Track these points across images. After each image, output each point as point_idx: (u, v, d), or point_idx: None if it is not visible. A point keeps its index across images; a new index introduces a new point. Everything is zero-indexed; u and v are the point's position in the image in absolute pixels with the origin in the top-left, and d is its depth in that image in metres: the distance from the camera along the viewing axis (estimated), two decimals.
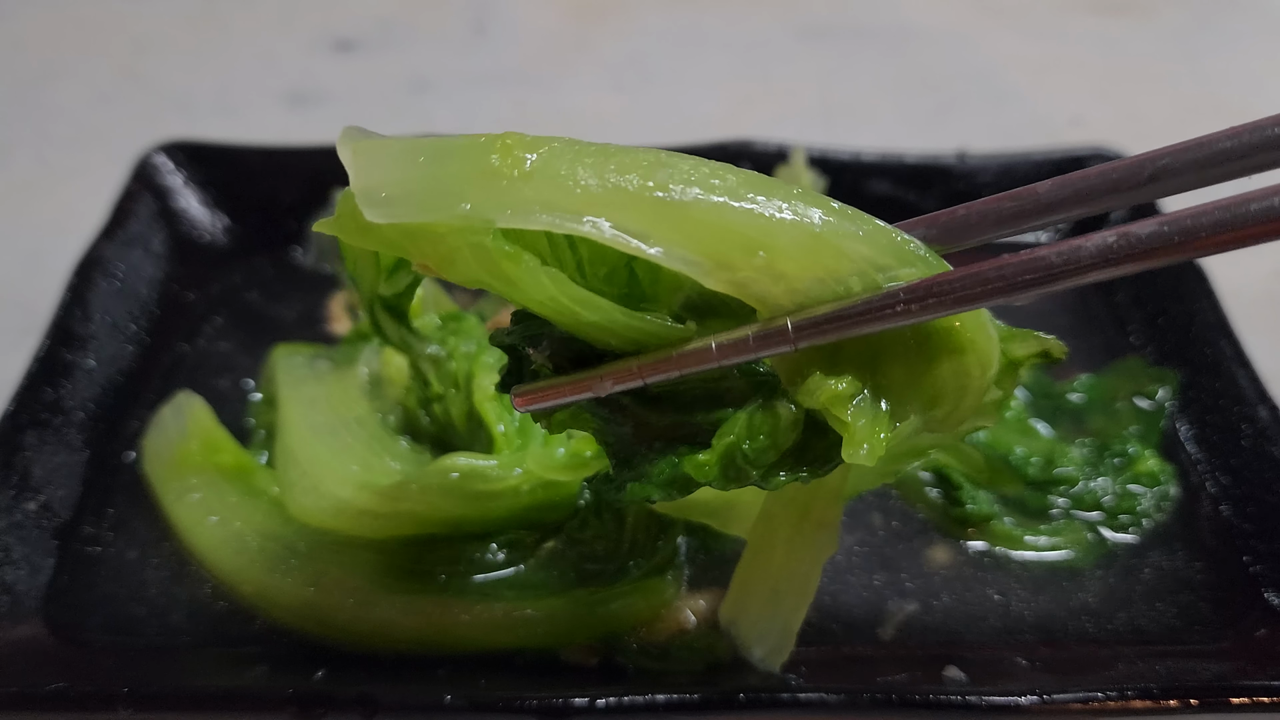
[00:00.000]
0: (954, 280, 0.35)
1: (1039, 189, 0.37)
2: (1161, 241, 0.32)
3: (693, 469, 0.39)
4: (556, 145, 0.36)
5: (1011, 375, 0.43)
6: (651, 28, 1.22)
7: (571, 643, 0.54)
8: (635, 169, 0.36)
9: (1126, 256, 0.33)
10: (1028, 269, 0.34)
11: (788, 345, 0.37)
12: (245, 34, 1.21)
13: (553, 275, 0.37)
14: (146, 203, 0.79)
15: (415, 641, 0.53)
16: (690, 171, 0.36)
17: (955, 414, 0.40)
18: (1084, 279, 0.34)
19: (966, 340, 0.38)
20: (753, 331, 0.37)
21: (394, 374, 0.63)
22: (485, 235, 0.35)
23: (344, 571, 0.55)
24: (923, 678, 0.52)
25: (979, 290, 0.35)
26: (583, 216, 0.35)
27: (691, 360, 0.38)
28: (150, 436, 0.65)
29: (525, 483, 0.55)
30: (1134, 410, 0.69)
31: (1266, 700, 0.48)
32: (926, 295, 0.35)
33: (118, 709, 0.48)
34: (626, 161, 0.36)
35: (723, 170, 0.37)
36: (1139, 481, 0.64)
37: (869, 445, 0.37)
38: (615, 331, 0.38)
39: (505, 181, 0.35)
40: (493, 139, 0.36)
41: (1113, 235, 0.33)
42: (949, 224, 0.39)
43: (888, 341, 0.38)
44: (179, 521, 0.60)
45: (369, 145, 0.36)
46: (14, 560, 0.58)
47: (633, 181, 0.35)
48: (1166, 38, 1.19)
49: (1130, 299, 0.77)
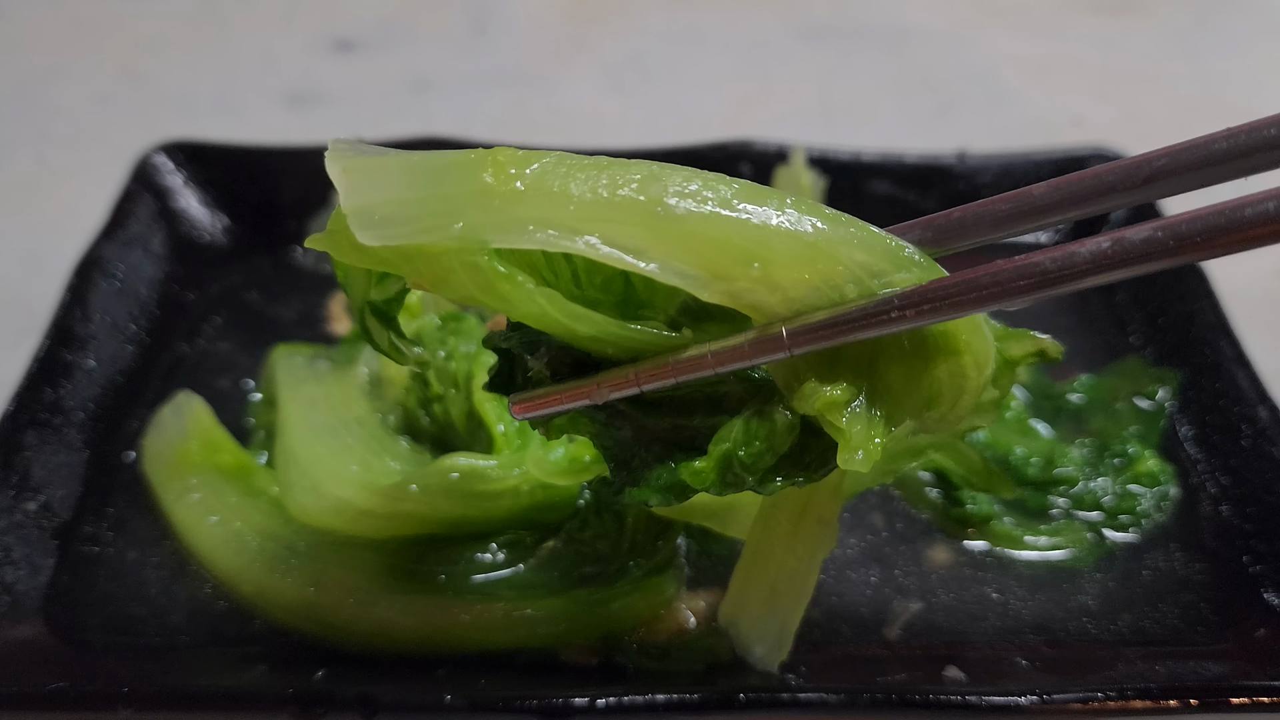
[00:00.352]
0: (948, 286, 0.35)
1: (1035, 191, 0.37)
2: (1156, 247, 0.32)
3: (689, 476, 0.39)
4: (549, 160, 0.36)
5: (1008, 374, 0.43)
6: (651, 28, 1.22)
7: (571, 643, 0.54)
8: (628, 183, 0.36)
9: (1121, 262, 0.33)
10: (1022, 274, 0.34)
11: (783, 352, 0.37)
12: (245, 34, 1.21)
13: (548, 295, 0.37)
14: (146, 203, 0.79)
15: (415, 641, 0.53)
16: (684, 184, 0.36)
17: (952, 414, 0.40)
18: (1079, 285, 0.34)
19: (962, 342, 0.38)
20: (748, 339, 0.37)
21: (394, 374, 0.63)
22: (480, 255, 0.35)
23: (344, 571, 0.55)
24: (923, 678, 0.52)
25: (974, 296, 0.35)
26: (577, 235, 0.35)
27: (687, 367, 0.38)
28: (150, 436, 0.65)
29: (525, 483, 0.55)
30: (1134, 410, 0.69)
31: (1266, 700, 0.49)
32: (921, 301, 0.36)
33: (118, 709, 0.48)
34: (620, 175, 0.36)
35: (716, 181, 0.37)
36: (1139, 482, 0.64)
37: (864, 451, 0.37)
38: (612, 343, 0.39)
39: (499, 200, 0.35)
40: (485, 155, 0.36)
41: (1107, 241, 0.33)
42: (945, 226, 0.39)
43: (884, 345, 0.38)
44: (179, 521, 0.60)
45: (359, 164, 0.36)
46: (14, 560, 0.58)
47: (626, 196, 0.35)
48: (1166, 38, 1.19)
49: (1130, 299, 0.77)
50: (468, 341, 0.62)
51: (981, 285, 0.35)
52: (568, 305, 0.37)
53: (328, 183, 0.95)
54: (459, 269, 0.36)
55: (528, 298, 0.36)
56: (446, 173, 0.35)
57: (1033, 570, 0.60)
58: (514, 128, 1.07)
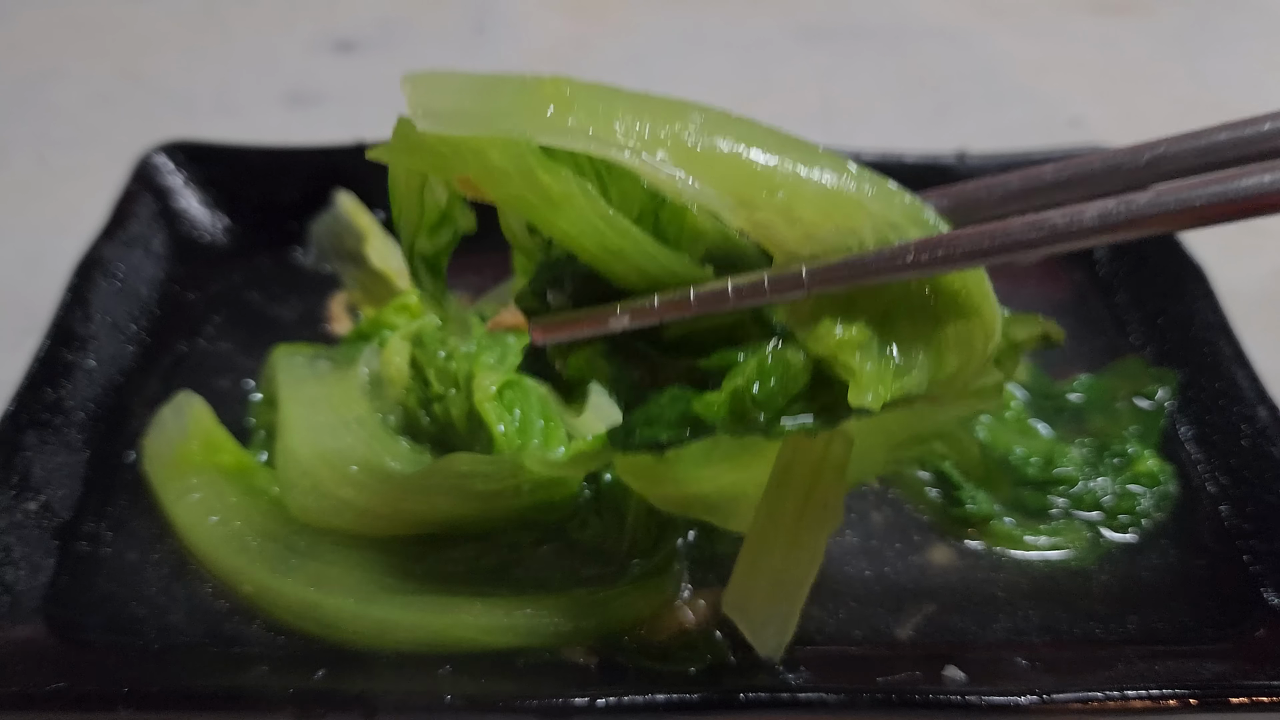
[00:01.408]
0: (963, 236, 0.37)
1: (1044, 171, 0.40)
2: (1158, 210, 0.34)
3: (701, 408, 0.40)
4: (600, 88, 0.40)
5: (1012, 357, 0.44)
6: (651, 27, 1.22)
7: (571, 643, 0.54)
8: (671, 111, 0.40)
9: (1126, 222, 0.35)
10: (1033, 228, 0.36)
11: (801, 290, 0.39)
12: (245, 34, 1.21)
13: (586, 189, 0.39)
14: (147, 203, 0.79)
15: (415, 641, 0.53)
16: (720, 118, 0.40)
17: (958, 379, 0.41)
18: (1086, 242, 0.36)
19: (973, 305, 0.40)
20: (768, 274, 0.39)
21: (394, 374, 0.63)
22: (527, 151, 0.38)
23: (345, 571, 0.55)
24: (922, 677, 0.52)
25: (987, 246, 0.37)
26: (622, 148, 0.38)
27: (708, 301, 0.40)
28: (150, 436, 0.65)
29: (525, 482, 0.55)
30: (1133, 410, 0.69)
31: (1266, 700, 0.48)
32: (936, 248, 0.37)
33: (118, 708, 0.48)
34: (662, 106, 0.40)
35: (750, 121, 0.40)
36: (1138, 481, 0.64)
37: (873, 393, 0.38)
38: (638, 265, 0.40)
39: (551, 109, 0.39)
40: (542, 79, 0.40)
41: (1113, 202, 0.35)
42: (956, 199, 0.42)
43: (897, 298, 0.40)
44: (179, 521, 0.60)
45: (427, 75, 0.40)
46: (14, 560, 0.58)
47: (668, 120, 0.39)
48: (1166, 38, 1.19)
49: (1130, 299, 0.77)
50: (468, 341, 0.62)
51: (994, 236, 0.37)
52: (605, 206, 0.39)
53: (328, 182, 0.95)
54: (507, 163, 0.38)
55: (568, 190, 0.38)
56: (505, 84, 0.40)
57: (1034, 570, 0.60)
58: None
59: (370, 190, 0.82)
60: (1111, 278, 0.79)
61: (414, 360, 0.63)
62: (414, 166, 0.42)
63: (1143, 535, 0.62)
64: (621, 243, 0.39)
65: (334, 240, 0.80)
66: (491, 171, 0.38)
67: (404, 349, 0.64)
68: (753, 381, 0.39)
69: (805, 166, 0.39)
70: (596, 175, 0.40)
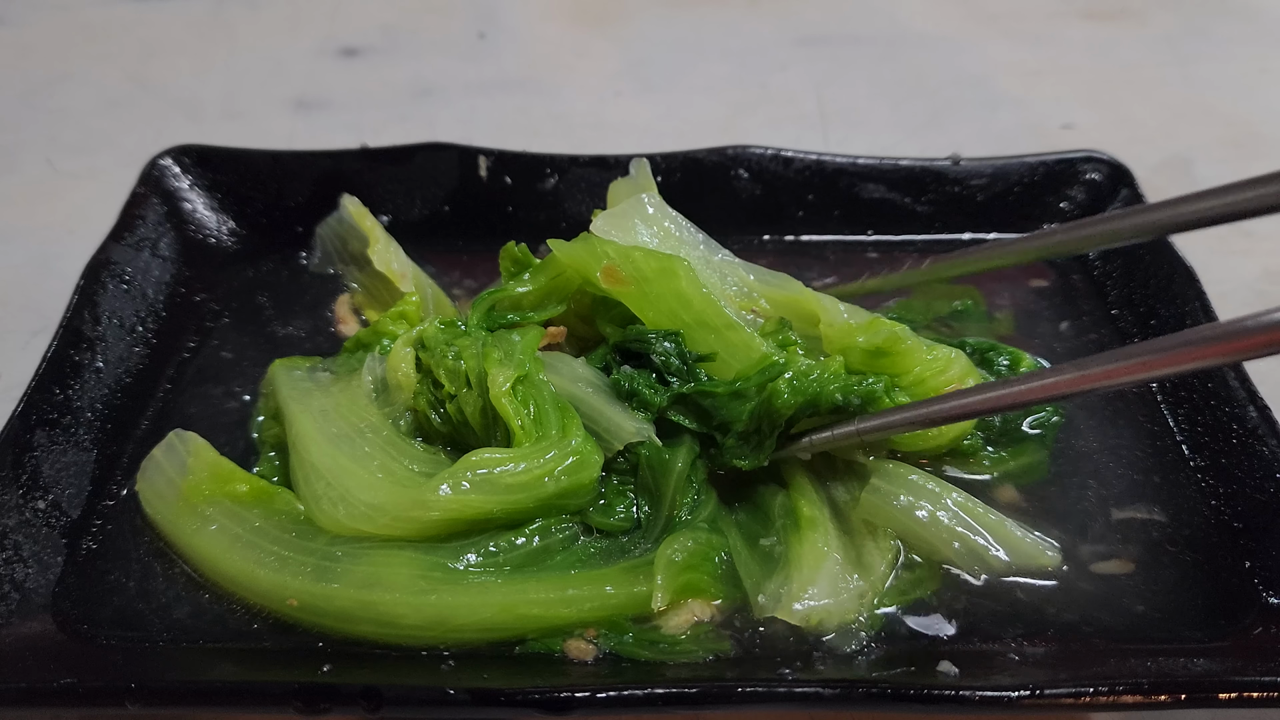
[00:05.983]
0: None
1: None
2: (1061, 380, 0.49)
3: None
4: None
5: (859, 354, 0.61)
6: (651, 35, 1.24)
7: (633, 611, 0.56)
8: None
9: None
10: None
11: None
12: (252, 41, 1.22)
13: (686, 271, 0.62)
14: (155, 206, 0.80)
15: (478, 625, 0.53)
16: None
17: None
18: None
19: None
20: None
21: (401, 379, 0.64)
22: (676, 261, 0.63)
23: (392, 570, 0.54)
24: (916, 672, 0.53)
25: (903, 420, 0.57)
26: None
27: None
28: (145, 480, 0.62)
29: (547, 472, 0.56)
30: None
31: (1255, 695, 0.49)
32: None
33: (125, 704, 0.49)
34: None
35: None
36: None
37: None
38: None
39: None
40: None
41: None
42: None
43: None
44: (202, 554, 0.58)
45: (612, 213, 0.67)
46: (23, 558, 0.59)
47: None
48: (1157, 44, 1.20)
49: (1121, 300, 0.78)
50: (475, 341, 0.63)
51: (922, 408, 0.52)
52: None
53: (333, 186, 0.96)
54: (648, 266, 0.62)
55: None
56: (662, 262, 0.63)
57: (1027, 566, 0.61)
58: (516, 132, 1.08)
59: (375, 194, 0.83)
60: (1104, 279, 0.80)
61: (420, 363, 0.64)
62: (582, 260, 0.63)
63: (1136, 533, 0.63)
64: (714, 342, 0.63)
65: (339, 243, 0.81)
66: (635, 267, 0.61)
67: (409, 354, 0.64)
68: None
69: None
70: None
